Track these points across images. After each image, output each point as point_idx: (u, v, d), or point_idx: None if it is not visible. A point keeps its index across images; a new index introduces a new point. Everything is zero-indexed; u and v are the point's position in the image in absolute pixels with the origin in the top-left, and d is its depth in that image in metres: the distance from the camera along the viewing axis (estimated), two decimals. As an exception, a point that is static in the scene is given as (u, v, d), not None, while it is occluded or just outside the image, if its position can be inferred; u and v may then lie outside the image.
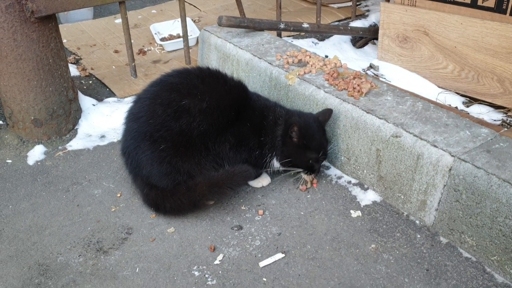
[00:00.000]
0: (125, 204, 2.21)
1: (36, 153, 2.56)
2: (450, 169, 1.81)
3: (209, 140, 2.07)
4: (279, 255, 1.90)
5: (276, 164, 2.19)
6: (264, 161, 2.17)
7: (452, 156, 1.81)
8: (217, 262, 1.90)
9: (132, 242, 2.02)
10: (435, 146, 1.86)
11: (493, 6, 2.65)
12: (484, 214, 1.73)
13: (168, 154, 2.04)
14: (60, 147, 2.60)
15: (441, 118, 2.02)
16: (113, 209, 2.19)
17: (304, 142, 2.09)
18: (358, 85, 2.21)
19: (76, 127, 2.72)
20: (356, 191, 2.18)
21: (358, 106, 2.13)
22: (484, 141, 1.85)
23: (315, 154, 2.10)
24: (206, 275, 1.85)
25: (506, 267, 1.71)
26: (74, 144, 2.62)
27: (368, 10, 3.86)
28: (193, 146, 2.05)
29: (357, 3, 3.75)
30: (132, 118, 2.14)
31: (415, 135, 1.93)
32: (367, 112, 2.09)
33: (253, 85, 2.58)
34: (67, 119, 2.66)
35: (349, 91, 2.21)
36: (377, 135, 2.04)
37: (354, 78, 2.29)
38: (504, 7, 2.61)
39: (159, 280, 1.84)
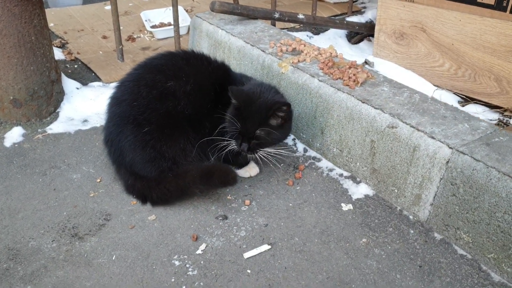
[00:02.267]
0: (105, 190, 2.10)
1: (14, 135, 2.43)
2: (447, 162, 1.72)
3: (194, 124, 1.97)
4: (265, 247, 1.80)
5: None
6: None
7: (450, 148, 1.73)
8: (199, 252, 1.79)
9: (110, 229, 1.90)
10: (432, 137, 1.78)
11: (493, 3, 2.58)
12: (481, 209, 1.64)
13: (152, 137, 1.94)
14: (39, 130, 2.48)
15: (439, 110, 1.94)
16: (92, 195, 2.07)
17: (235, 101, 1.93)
18: (354, 75, 2.13)
19: (58, 110, 2.60)
20: (348, 184, 2.09)
21: (353, 96, 2.04)
22: (483, 134, 1.78)
23: (236, 120, 1.91)
24: (187, 265, 1.74)
25: (504, 265, 1.62)
26: (55, 128, 2.50)
27: (364, 7, 3.80)
28: (179, 130, 1.95)
29: (354, 0, 3.67)
30: (115, 102, 2.04)
31: (412, 126, 1.84)
32: (363, 102, 2.01)
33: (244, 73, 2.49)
34: (48, 101, 2.53)
35: (344, 80, 2.13)
36: (372, 125, 1.95)
37: (350, 67, 2.21)
38: (504, 4, 2.55)
39: (137, 269, 1.73)
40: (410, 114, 1.90)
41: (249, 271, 1.71)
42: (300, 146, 2.33)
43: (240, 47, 2.55)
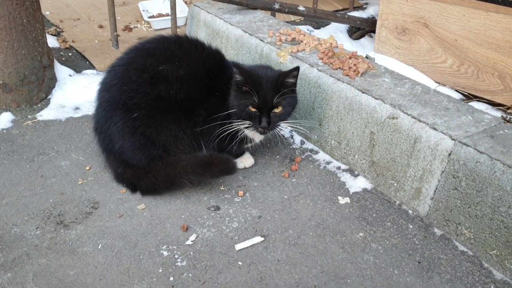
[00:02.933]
0: (94, 178, 2.03)
1: (3, 120, 2.36)
2: (449, 154, 1.65)
3: (187, 111, 1.90)
4: (258, 239, 1.73)
5: (250, 134, 1.97)
6: (236, 133, 1.94)
7: (453, 139, 1.66)
8: (189, 242, 1.72)
9: (97, 217, 1.83)
10: (434, 129, 1.71)
11: (498, -2, 2.52)
12: (484, 203, 1.57)
13: (142, 123, 1.86)
14: (29, 116, 2.41)
15: (442, 102, 1.87)
16: (80, 182, 2.00)
17: (244, 82, 1.83)
18: (355, 65, 2.06)
19: (49, 96, 2.53)
20: (346, 177, 2.02)
21: (353, 86, 1.98)
22: (487, 127, 1.71)
23: (253, 98, 1.82)
24: (176, 256, 1.67)
25: (506, 262, 1.55)
26: (45, 114, 2.43)
27: (366, 3, 3.73)
28: (171, 115, 1.87)
29: (356, -4, 3.61)
30: (105, 88, 1.96)
31: (413, 117, 1.77)
32: (363, 92, 1.94)
33: (241, 63, 2.41)
34: (39, 86, 2.46)
35: (344, 69, 2.06)
36: (372, 116, 1.89)
37: (350, 58, 2.14)
38: (510, -1, 2.48)
39: (123, 258, 1.65)
40: (412, 105, 1.84)
41: (240, 263, 1.64)
42: (297, 138, 2.26)
43: (238, 36, 2.48)
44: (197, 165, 1.86)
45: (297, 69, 1.87)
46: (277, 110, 1.85)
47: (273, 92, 1.83)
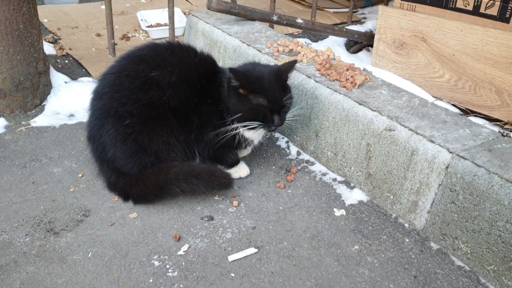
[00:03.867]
0: (86, 185, 2.00)
1: (-4, 126, 2.33)
2: (447, 167, 1.63)
3: (180, 118, 1.87)
4: (251, 250, 1.70)
5: (248, 134, 1.94)
6: (234, 138, 1.92)
7: (451, 152, 1.64)
8: (181, 252, 1.69)
9: (88, 225, 1.80)
10: (432, 141, 1.69)
11: (496, 14, 2.53)
12: (482, 218, 1.55)
13: (134, 130, 1.84)
14: (23, 122, 2.38)
15: (439, 115, 1.85)
16: (72, 189, 1.97)
17: (248, 88, 1.81)
18: (352, 77, 2.05)
19: (44, 103, 2.51)
20: (341, 189, 1.99)
21: (350, 97, 1.96)
22: (485, 140, 1.69)
23: (264, 99, 1.81)
24: (167, 266, 1.63)
25: (504, 278, 1.52)
26: (39, 121, 2.41)
27: (364, 18, 3.75)
28: (163, 122, 1.85)
29: (354, 10, 3.63)
30: (97, 96, 1.94)
31: (410, 129, 1.76)
32: (360, 104, 1.92)
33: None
34: (34, 93, 2.44)
35: (341, 81, 2.05)
36: (369, 128, 1.87)
37: (347, 70, 2.13)
38: (507, 15, 2.49)
39: (113, 268, 1.62)
40: (409, 118, 1.82)
41: (233, 274, 1.61)
42: (294, 149, 2.24)
43: (236, 47, 2.47)
44: (192, 174, 1.83)
45: (295, 62, 1.92)
46: (284, 108, 1.87)
47: (280, 91, 1.84)
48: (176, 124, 1.87)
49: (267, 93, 1.81)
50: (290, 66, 1.90)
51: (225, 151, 1.99)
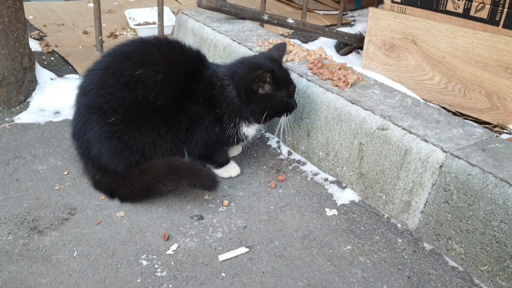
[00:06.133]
0: (72, 183, 1.94)
1: (-22, 122, 2.26)
2: (441, 166, 1.62)
3: (167, 117, 1.83)
4: (242, 250, 1.66)
5: (246, 130, 1.92)
6: (230, 135, 1.89)
7: (444, 152, 1.62)
8: (170, 252, 1.64)
9: (74, 224, 1.74)
10: (425, 140, 1.68)
11: (485, 17, 2.54)
12: (476, 217, 1.54)
13: (119, 129, 1.79)
14: (7, 119, 2.32)
15: (432, 114, 1.84)
16: (57, 187, 1.91)
17: (278, 84, 1.82)
18: (344, 76, 2.03)
19: (29, 99, 2.44)
20: (333, 189, 1.97)
21: (342, 96, 1.94)
22: (478, 140, 1.68)
23: (286, 90, 1.84)
24: (156, 265, 1.58)
25: (498, 278, 1.51)
26: (24, 117, 2.34)
27: (354, 20, 3.75)
28: (149, 122, 1.80)
29: (344, 13, 3.62)
30: (82, 92, 1.89)
31: (403, 128, 1.74)
32: (352, 103, 1.90)
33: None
34: (18, 89, 2.37)
35: (334, 80, 2.03)
36: (362, 127, 1.85)
37: (340, 69, 2.11)
38: (497, 18, 2.50)
39: (99, 267, 1.57)
40: (402, 117, 1.81)
41: (223, 274, 1.57)
42: (285, 149, 2.21)
43: (227, 45, 2.44)
44: (171, 170, 1.78)
45: (284, 44, 2.01)
46: None
47: (288, 74, 1.90)
48: (163, 124, 1.82)
49: (285, 82, 1.85)
50: (282, 50, 1.95)
51: (215, 150, 1.95)
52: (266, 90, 1.82)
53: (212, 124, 1.87)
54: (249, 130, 1.93)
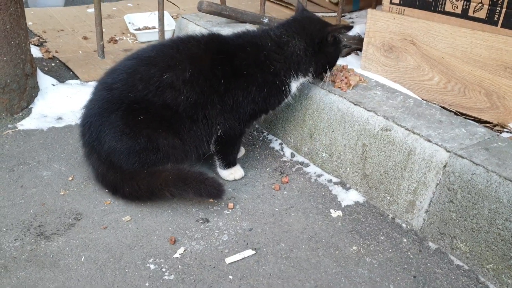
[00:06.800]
0: (77, 189, 1.95)
1: (-19, 129, 2.27)
2: (444, 166, 1.63)
3: (199, 111, 1.84)
4: (249, 252, 1.67)
5: (294, 86, 1.98)
6: (280, 93, 1.95)
7: (448, 151, 1.64)
8: (177, 255, 1.65)
9: (80, 229, 1.75)
10: (429, 140, 1.70)
11: (484, 17, 2.55)
12: (481, 216, 1.55)
13: (148, 127, 1.80)
14: (10, 126, 2.32)
15: (435, 114, 1.86)
16: (62, 193, 1.92)
17: (340, 40, 2.01)
18: (346, 77, 2.05)
19: (31, 105, 2.45)
20: (337, 190, 1.98)
21: (345, 98, 1.96)
22: (481, 139, 1.70)
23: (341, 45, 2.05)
24: (163, 269, 1.59)
25: (504, 276, 1.52)
26: (26, 124, 2.35)
27: (352, 22, 3.77)
28: (177, 122, 1.83)
29: (342, 15, 3.64)
30: (105, 87, 1.88)
31: (407, 129, 1.76)
32: (355, 104, 1.92)
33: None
34: (21, 95, 2.38)
35: (336, 82, 2.04)
36: (365, 128, 1.86)
37: (341, 70, 2.13)
38: (495, 18, 2.52)
39: (107, 272, 1.57)
40: (405, 117, 1.82)
41: (231, 277, 1.57)
42: (288, 151, 2.23)
43: (228, 48, 2.45)
44: (179, 179, 1.80)
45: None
46: None
47: None
48: (188, 122, 1.84)
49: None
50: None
51: (239, 140, 2.02)
52: (337, 42, 1.98)
53: (260, 89, 1.90)
54: (295, 86, 1.99)
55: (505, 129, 2.48)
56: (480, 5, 2.56)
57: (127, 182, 1.82)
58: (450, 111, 2.69)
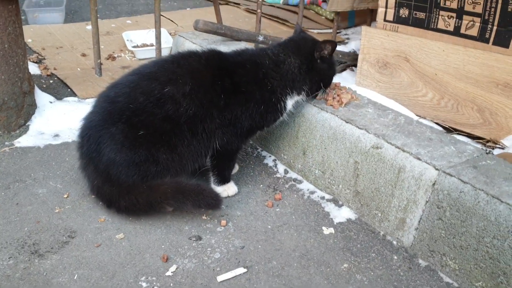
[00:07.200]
0: (72, 206, 1.97)
1: (-22, 146, 2.30)
2: (434, 184, 1.65)
3: (198, 124, 1.87)
4: (241, 270, 1.68)
5: (290, 104, 2.02)
6: (276, 111, 1.99)
7: (437, 169, 1.66)
8: (169, 273, 1.66)
9: (74, 247, 1.76)
10: (418, 158, 1.72)
11: (476, 34, 2.59)
12: (469, 234, 1.56)
13: (148, 141, 1.83)
14: (6, 143, 2.35)
15: (425, 132, 1.88)
16: (57, 210, 1.94)
17: (332, 58, 2.07)
18: (338, 95, 2.08)
19: (28, 123, 2.48)
20: (330, 207, 2.00)
21: (337, 116, 1.98)
22: (470, 157, 1.72)
23: (335, 65, 2.11)
24: (155, 287, 1.60)
25: (492, 294, 1.53)
26: (23, 141, 2.37)
27: (348, 38, 3.81)
28: (178, 135, 1.85)
29: (338, 31, 3.69)
30: (107, 100, 1.91)
31: (397, 147, 1.78)
32: (347, 122, 1.94)
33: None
34: (18, 113, 2.41)
35: (328, 100, 2.07)
36: (356, 146, 1.89)
37: (334, 88, 2.16)
38: (487, 36, 2.56)
39: (100, 290, 1.59)
40: (395, 135, 1.85)
41: (222, 295, 1.59)
42: (281, 168, 2.25)
43: (222, 66, 2.48)
44: (178, 191, 1.82)
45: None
46: None
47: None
48: (189, 134, 1.87)
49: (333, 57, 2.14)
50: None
51: (235, 155, 2.05)
52: (326, 59, 2.04)
53: (257, 105, 1.94)
54: (290, 103, 2.04)
55: (497, 145, 2.50)
56: (471, 22, 2.60)
57: (123, 196, 1.84)
58: (444, 127, 2.72)
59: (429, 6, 2.73)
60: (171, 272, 1.67)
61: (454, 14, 2.64)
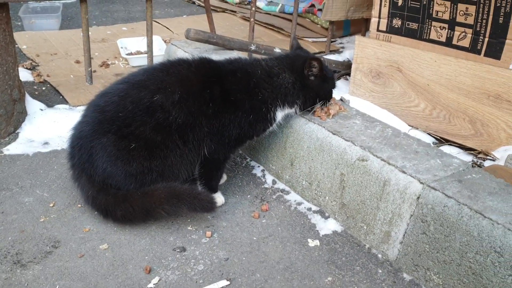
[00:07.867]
0: (57, 215, 1.96)
1: (-33, 154, 2.29)
2: (418, 197, 1.64)
3: (188, 132, 1.87)
4: (223, 283, 1.67)
5: (280, 116, 2.02)
6: (265, 121, 1.99)
7: (421, 183, 1.65)
8: (151, 285, 1.65)
9: (57, 257, 1.75)
10: (403, 172, 1.71)
11: (467, 46, 2.59)
12: (452, 249, 1.55)
13: (140, 155, 1.82)
14: (-5, 151, 2.35)
15: (411, 145, 1.87)
16: (42, 220, 1.93)
17: (324, 73, 2.02)
18: (326, 107, 2.07)
19: (18, 130, 2.48)
20: (316, 219, 1.99)
21: (324, 127, 1.98)
22: (455, 171, 1.71)
23: (332, 79, 2.09)
24: (136, 299, 1.59)
25: (475, 310, 1.51)
26: (12, 149, 2.37)
27: (343, 47, 3.81)
28: (169, 144, 1.85)
29: (332, 40, 3.69)
30: (97, 109, 1.90)
31: (382, 160, 1.77)
32: (333, 134, 1.94)
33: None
34: (8, 120, 2.41)
35: (315, 111, 2.06)
36: (343, 158, 1.88)
37: (322, 99, 2.15)
38: (478, 47, 2.55)
39: (80, 301, 1.58)
40: (382, 148, 1.84)
41: (203, 308, 1.58)
42: (269, 178, 2.24)
43: (213, 75, 2.48)
44: (173, 196, 1.82)
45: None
46: None
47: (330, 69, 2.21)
48: (181, 142, 1.86)
49: (331, 72, 2.14)
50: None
51: (223, 165, 2.04)
52: (317, 75, 2.00)
53: (246, 114, 1.93)
54: (280, 115, 2.03)
55: (488, 157, 2.49)
56: (463, 34, 2.59)
57: (119, 205, 1.84)
58: (436, 137, 2.71)
59: (422, 17, 2.73)
60: (153, 284, 1.66)
61: (446, 25, 2.64)
